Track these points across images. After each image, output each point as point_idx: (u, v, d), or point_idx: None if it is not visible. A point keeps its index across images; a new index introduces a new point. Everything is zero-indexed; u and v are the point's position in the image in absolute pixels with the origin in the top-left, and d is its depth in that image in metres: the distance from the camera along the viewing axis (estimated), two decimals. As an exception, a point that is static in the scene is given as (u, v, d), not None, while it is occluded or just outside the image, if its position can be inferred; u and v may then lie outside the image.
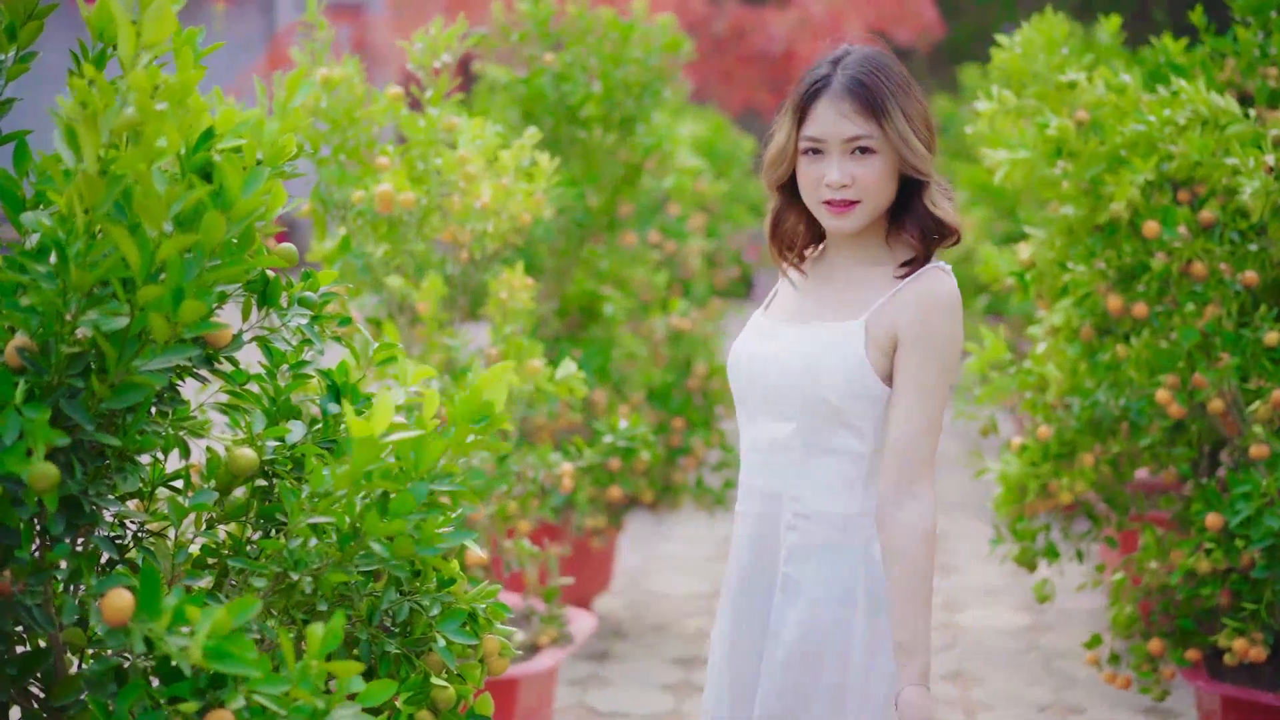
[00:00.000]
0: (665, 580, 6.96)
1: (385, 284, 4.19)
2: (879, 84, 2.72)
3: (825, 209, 2.76)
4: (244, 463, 2.31)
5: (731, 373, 2.90)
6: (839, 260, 2.86)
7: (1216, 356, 4.19)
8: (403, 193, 3.95)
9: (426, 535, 2.29)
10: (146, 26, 1.98)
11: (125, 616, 1.96)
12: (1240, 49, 4.76)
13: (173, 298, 2.03)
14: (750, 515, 2.88)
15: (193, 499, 2.37)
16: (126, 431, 2.18)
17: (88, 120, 1.93)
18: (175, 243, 1.99)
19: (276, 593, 2.38)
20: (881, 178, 2.73)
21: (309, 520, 2.27)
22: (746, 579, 2.89)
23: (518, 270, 4.33)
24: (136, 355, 2.09)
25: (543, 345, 4.43)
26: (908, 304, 2.73)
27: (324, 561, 2.31)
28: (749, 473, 2.89)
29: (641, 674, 5.66)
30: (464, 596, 2.56)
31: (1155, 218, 4.19)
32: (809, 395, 2.75)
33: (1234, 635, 4.12)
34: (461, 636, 2.51)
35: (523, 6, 5.73)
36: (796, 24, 16.71)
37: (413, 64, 4.23)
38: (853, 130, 2.71)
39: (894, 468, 2.70)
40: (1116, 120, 4.30)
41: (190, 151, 2.11)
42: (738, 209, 9.83)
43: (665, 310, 6.60)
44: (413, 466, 2.26)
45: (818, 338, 2.77)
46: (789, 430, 2.79)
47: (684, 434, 6.30)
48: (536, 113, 5.73)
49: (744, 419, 2.89)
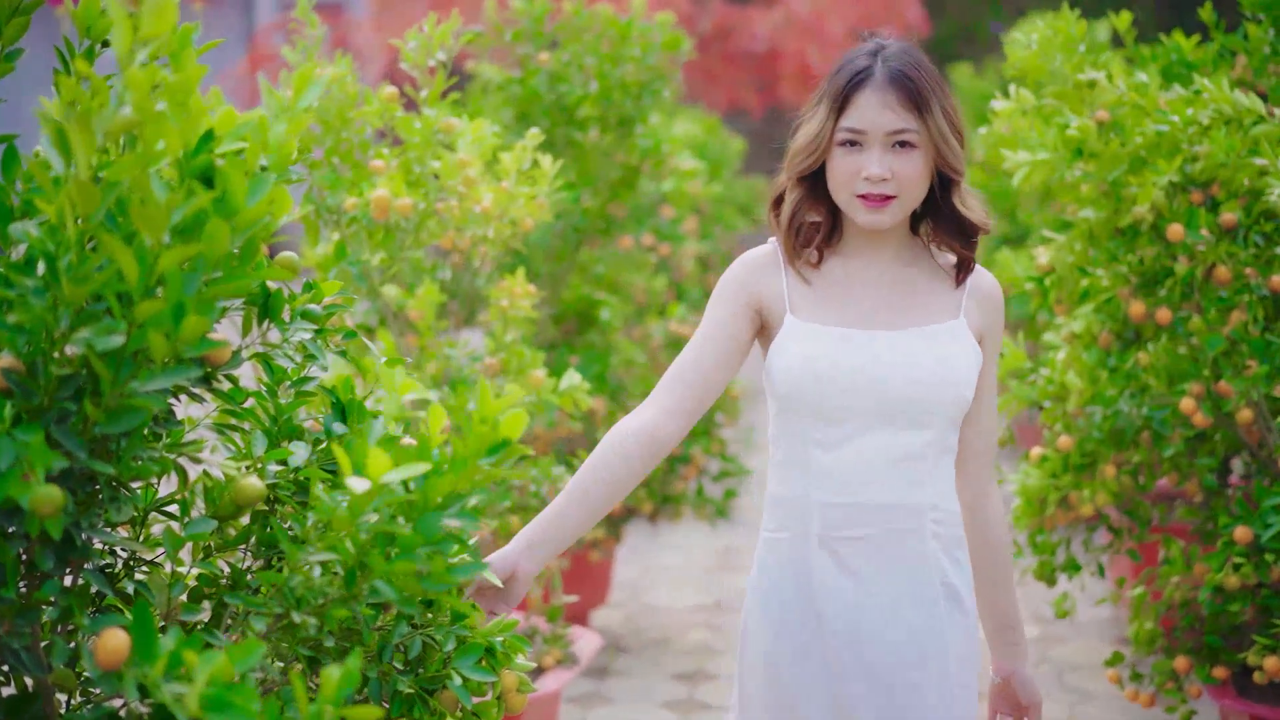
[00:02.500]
0: (665, 593, 6.80)
1: (381, 293, 4.02)
2: (922, 78, 2.64)
3: (860, 203, 2.66)
4: (250, 493, 2.14)
5: (816, 387, 2.67)
6: (876, 259, 2.76)
7: (1243, 364, 4.05)
8: (400, 198, 3.79)
9: (436, 571, 2.13)
10: (145, 20, 1.81)
11: (119, 659, 1.80)
12: (1251, 46, 4.64)
13: (173, 314, 1.86)
14: (858, 539, 2.68)
15: (189, 528, 2.20)
16: (121, 458, 2.02)
17: (79, 122, 1.77)
18: (176, 254, 1.82)
19: (278, 630, 2.22)
20: (920, 174, 2.65)
21: (312, 558, 2.10)
22: (866, 612, 2.68)
23: (519, 277, 4.17)
24: (133, 376, 1.92)
25: (543, 354, 4.27)
26: (984, 303, 2.78)
27: (327, 598, 2.15)
28: (853, 491, 2.68)
29: (643, 691, 5.50)
30: (480, 630, 2.40)
31: (1179, 220, 4.05)
32: (949, 399, 2.67)
33: (1264, 653, 3.97)
34: (479, 673, 2.35)
35: (517, 4, 5.57)
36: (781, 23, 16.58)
37: (406, 63, 4.07)
38: (897, 123, 2.62)
39: (988, 460, 2.84)
40: (1137, 120, 4.16)
41: (190, 155, 1.94)
42: (728, 211, 9.69)
43: (663, 315, 6.44)
44: (420, 499, 2.10)
45: (937, 340, 2.69)
46: (925, 438, 2.68)
47: (684, 443, 6.14)
48: (531, 113, 5.58)
49: (840, 434, 2.67)
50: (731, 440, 6.53)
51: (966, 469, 2.83)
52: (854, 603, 2.68)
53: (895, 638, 2.67)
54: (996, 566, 2.87)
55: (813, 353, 2.67)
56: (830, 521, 2.68)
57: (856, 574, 2.68)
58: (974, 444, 2.82)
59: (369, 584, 2.10)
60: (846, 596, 2.68)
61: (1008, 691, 2.91)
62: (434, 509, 2.09)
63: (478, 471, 2.11)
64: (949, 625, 2.70)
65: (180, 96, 1.82)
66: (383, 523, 2.05)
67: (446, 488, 2.09)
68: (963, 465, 2.82)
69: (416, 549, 2.06)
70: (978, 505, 2.84)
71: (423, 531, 2.06)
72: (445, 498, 2.11)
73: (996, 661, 2.92)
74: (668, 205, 6.97)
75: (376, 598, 2.13)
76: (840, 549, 2.68)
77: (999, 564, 2.87)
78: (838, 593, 2.68)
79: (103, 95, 1.81)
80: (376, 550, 2.07)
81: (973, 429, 2.81)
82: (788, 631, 2.72)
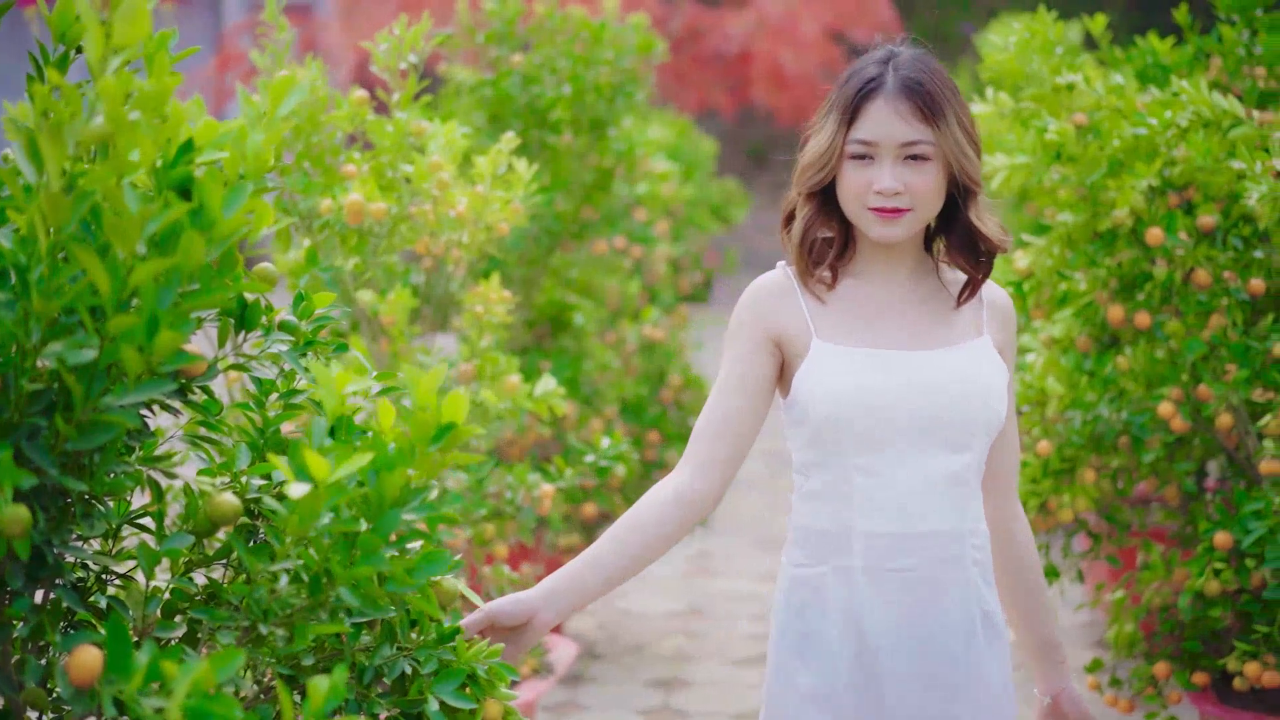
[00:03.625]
0: (639, 599, 6.76)
1: (356, 299, 3.97)
2: (936, 87, 2.54)
3: (873, 216, 2.55)
4: (226, 510, 2.09)
5: (857, 411, 2.54)
6: (893, 277, 2.65)
7: (1223, 368, 4.03)
8: (374, 203, 3.74)
9: (397, 574, 2.08)
10: (117, 27, 1.77)
11: (92, 676, 1.75)
12: (1225, 48, 4.63)
13: (147, 328, 1.82)
14: (905, 570, 2.57)
15: (166, 544, 2.15)
16: (94, 474, 1.97)
17: (51, 132, 1.72)
18: (150, 267, 1.78)
19: (247, 643, 2.17)
20: (935, 186, 2.55)
21: (274, 567, 2.05)
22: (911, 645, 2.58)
23: (494, 282, 4.13)
24: (106, 391, 1.88)
25: (518, 360, 4.23)
26: (1001, 318, 2.71)
27: (294, 609, 2.10)
28: (901, 520, 2.56)
29: (619, 699, 5.46)
30: (464, 655, 2.34)
31: (1158, 224, 4.03)
32: (988, 418, 2.59)
33: (1245, 658, 3.95)
34: (459, 700, 2.28)
35: (489, 5, 5.53)
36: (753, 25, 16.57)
37: (377, 66, 4.02)
38: (910, 134, 2.52)
39: (1015, 478, 2.78)
40: (1115, 124, 4.13)
41: (168, 166, 1.89)
42: (701, 213, 9.66)
43: (637, 320, 6.40)
44: (376, 496, 2.04)
45: (969, 359, 2.61)
46: (965, 461, 2.59)
47: (659, 448, 6.10)
48: (504, 116, 5.54)
49: (884, 460, 2.56)
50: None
51: (995, 489, 2.75)
52: (902, 636, 2.57)
53: (937, 671, 2.58)
54: (1033, 587, 2.80)
55: (850, 376, 2.56)
56: (876, 552, 2.57)
57: (901, 605, 2.57)
58: (1002, 462, 2.76)
59: (334, 592, 2.06)
60: (895, 630, 2.57)
61: (1058, 711, 2.87)
62: (391, 505, 2.04)
63: (429, 460, 2.06)
64: (988, 655, 2.62)
65: (155, 106, 1.77)
66: (339, 523, 2.00)
67: (400, 481, 2.04)
68: (991, 485, 2.74)
69: (378, 549, 2.01)
70: (1009, 525, 2.78)
71: (382, 530, 2.01)
72: (402, 492, 2.06)
73: (1043, 682, 2.87)
74: (640, 208, 6.93)
75: (341, 605, 2.08)
76: (886, 581, 2.57)
77: (1035, 584, 2.81)
78: (887, 627, 2.57)
79: (75, 104, 1.76)
80: (338, 555, 2.02)
81: (1000, 447, 2.74)
82: (836, 671, 2.60)
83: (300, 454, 1.89)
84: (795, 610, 2.63)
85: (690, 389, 6.38)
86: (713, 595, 6.83)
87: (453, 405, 2.00)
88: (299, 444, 1.95)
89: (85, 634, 1.93)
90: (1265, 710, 4.00)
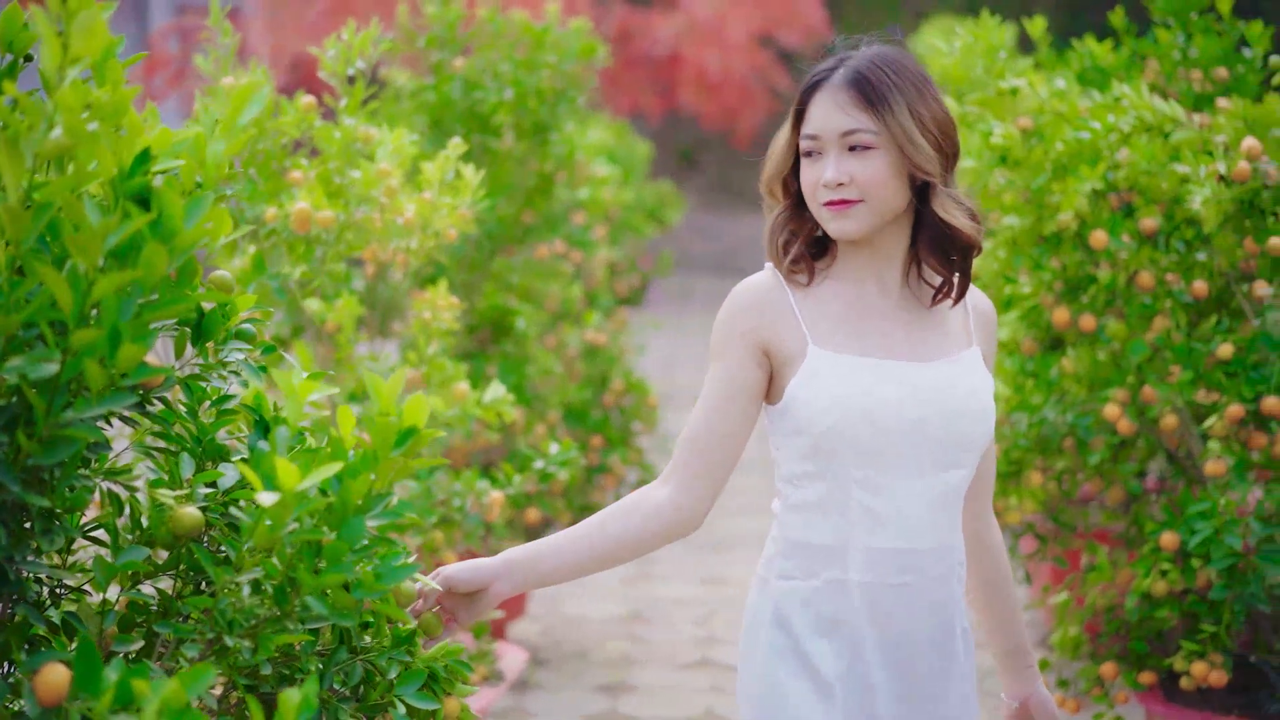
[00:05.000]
0: (582, 604, 6.74)
1: (304, 307, 3.94)
2: (883, 77, 2.44)
3: (826, 212, 2.47)
4: (188, 522, 2.07)
5: (861, 423, 2.45)
6: (883, 282, 2.55)
7: (1166, 370, 4.06)
8: (321, 210, 3.71)
9: (366, 580, 2.06)
10: (74, 37, 1.73)
11: (60, 695, 1.72)
12: (1161, 51, 4.67)
13: (109, 341, 1.79)
14: (900, 586, 2.50)
15: (122, 557, 2.11)
16: (55, 489, 1.94)
17: (8, 144, 1.68)
18: (111, 280, 1.75)
19: (211, 655, 2.14)
20: (883, 175, 2.44)
21: (238, 578, 2.03)
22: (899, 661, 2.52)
23: (441, 288, 4.10)
24: (67, 405, 1.84)
25: (465, 366, 4.21)
26: (985, 326, 2.66)
27: (259, 619, 2.07)
28: (902, 536, 2.49)
29: (565, 704, 5.44)
30: (422, 655, 2.33)
31: (1102, 227, 4.05)
32: (983, 433, 2.53)
33: (1191, 658, 3.98)
34: (422, 700, 2.28)
35: (430, 9, 5.50)
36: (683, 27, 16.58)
37: (325, 71, 3.98)
38: (848, 123, 2.43)
39: (991, 487, 2.76)
40: (1058, 128, 4.16)
41: (124, 176, 1.86)
42: (637, 216, 9.66)
43: (578, 324, 6.39)
44: (340, 503, 2.02)
45: (965, 371, 2.54)
46: (959, 477, 2.53)
47: (602, 452, 6.09)
48: (445, 120, 5.51)
49: (885, 474, 2.48)
50: (649, 449, 6.49)
51: (974, 497, 2.72)
52: (893, 650, 2.52)
53: (924, 684, 2.54)
54: (1004, 593, 2.79)
55: (852, 385, 2.46)
56: (875, 568, 2.49)
57: (894, 620, 2.51)
58: (982, 475, 2.72)
59: (300, 601, 2.03)
60: (888, 644, 2.51)
61: (1025, 714, 2.84)
62: (355, 512, 2.03)
63: (392, 465, 2.05)
64: (965, 670, 2.59)
65: (115, 116, 1.74)
66: (304, 531, 1.98)
67: (364, 488, 2.02)
68: (971, 493, 2.71)
69: (343, 557, 1.99)
70: (984, 533, 2.76)
71: (347, 537, 1.99)
72: (365, 499, 2.04)
73: (1012, 687, 2.84)
74: (579, 212, 6.92)
75: (308, 614, 2.06)
76: (882, 596, 2.50)
77: (1006, 590, 2.80)
78: (880, 641, 2.51)
79: (34, 116, 1.73)
80: (304, 564, 2.00)
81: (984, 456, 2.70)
82: (829, 685, 2.52)
83: (270, 461, 1.87)
84: (781, 624, 2.55)
85: (632, 393, 6.37)
86: (655, 600, 6.82)
87: (414, 409, 1.98)
88: (268, 453, 1.93)
89: (49, 652, 1.89)
90: (1212, 709, 4.03)
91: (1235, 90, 4.59)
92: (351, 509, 1.98)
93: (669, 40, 16.68)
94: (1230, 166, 3.83)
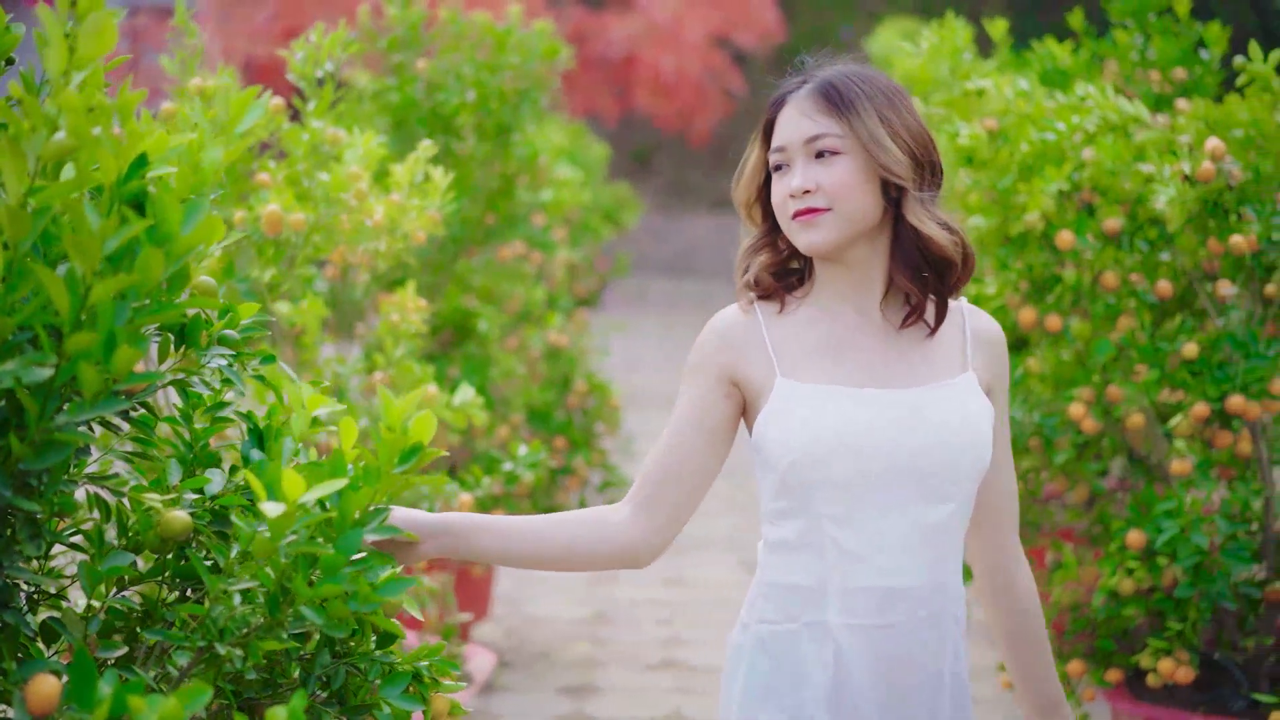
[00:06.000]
0: (545, 605, 6.74)
1: (274, 310, 3.92)
2: (850, 85, 2.38)
3: (795, 225, 2.37)
4: (177, 525, 2.06)
5: (830, 455, 2.34)
6: (864, 306, 2.44)
7: (1132, 370, 4.09)
8: (292, 213, 3.69)
9: (363, 591, 2.06)
10: (82, 40, 1.72)
11: (51, 706, 1.72)
12: (1120, 52, 4.72)
13: (104, 345, 1.78)
14: (884, 628, 2.37)
15: (108, 562, 2.10)
16: (44, 493, 1.93)
17: (9, 146, 1.67)
18: (109, 284, 1.74)
19: (201, 663, 2.13)
20: (850, 181, 2.34)
21: (233, 587, 2.02)
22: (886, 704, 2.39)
23: (409, 290, 4.09)
24: (59, 409, 1.84)
25: (432, 369, 4.20)
26: (989, 350, 2.50)
27: (251, 628, 2.07)
28: (880, 575, 2.36)
29: (531, 706, 5.43)
30: (405, 656, 2.33)
31: (1068, 228, 4.08)
32: (973, 463, 2.38)
33: (1158, 656, 4.02)
34: (407, 702, 2.28)
35: (392, 11, 5.49)
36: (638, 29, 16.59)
37: (294, 73, 3.97)
38: (812, 129, 2.36)
39: (1012, 524, 2.56)
40: (1023, 129, 4.19)
41: (121, 180, 1.85)
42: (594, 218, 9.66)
43: (540, 325, 6.39)
44: (338, 516, 2.03)
45: (953, 399, 2.39)
46: (948, 511, 2.37)
47: (565, 454, 6.09)
48: (408, 122, 5.50)
49: (859, 509, 2.36)
50: (612, 450, 6.49)
51: (987, 536, 2.54)
52: (879, 695, 2.38)
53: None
54: (1035, 641, 2.55)
55: (821, 416, 2.35)
56: (855, 609, 2.37)
57: (880, 663, 2.38)
58: (996, 507, 2.54)
59: (294, 610, 2.03)
60: (874, 688, 2.38)
61: None
62: (353, 525, 2.03)
63: (393, 481, 2.05)
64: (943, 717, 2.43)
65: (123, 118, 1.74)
66: (300, 544, 1.98)
67: (363, 502, 2.03)
68: (982, 532, 2.54)
69: (340, 569, 1.99)
70: (1005, 576, 2.55)
71: (344, 550, 1.99)
72: (363, 513, 2.04)
73: None
74: (538, 213, 6.92)
75: (301, 624, 2.06)
76: (867, 638, 2.38)
77: (1037, 637, 2.56)
78: (865, 685, 2.38)
79: (38, 118, 1.72)
80: (299, 575, 2.00)
81: (992, 491, 2.52)
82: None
83: (276, 472, 1.87)
84: (764, 673, 2.44)
85: (595, 395, 6.37)
86: (617, 601, 6.83)
87: (421, 426, 1.99)
88: (273, 463, 1.93)
89: (39, 661, 1.88)
90: (1178, 706, 4.07)
91: (1194, 91, 4.64)
92: (350, 523, 1.98)
93: (624, 42, 16.69)
94: (1195, 166, 3.86)
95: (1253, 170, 3.89)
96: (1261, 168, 3.90)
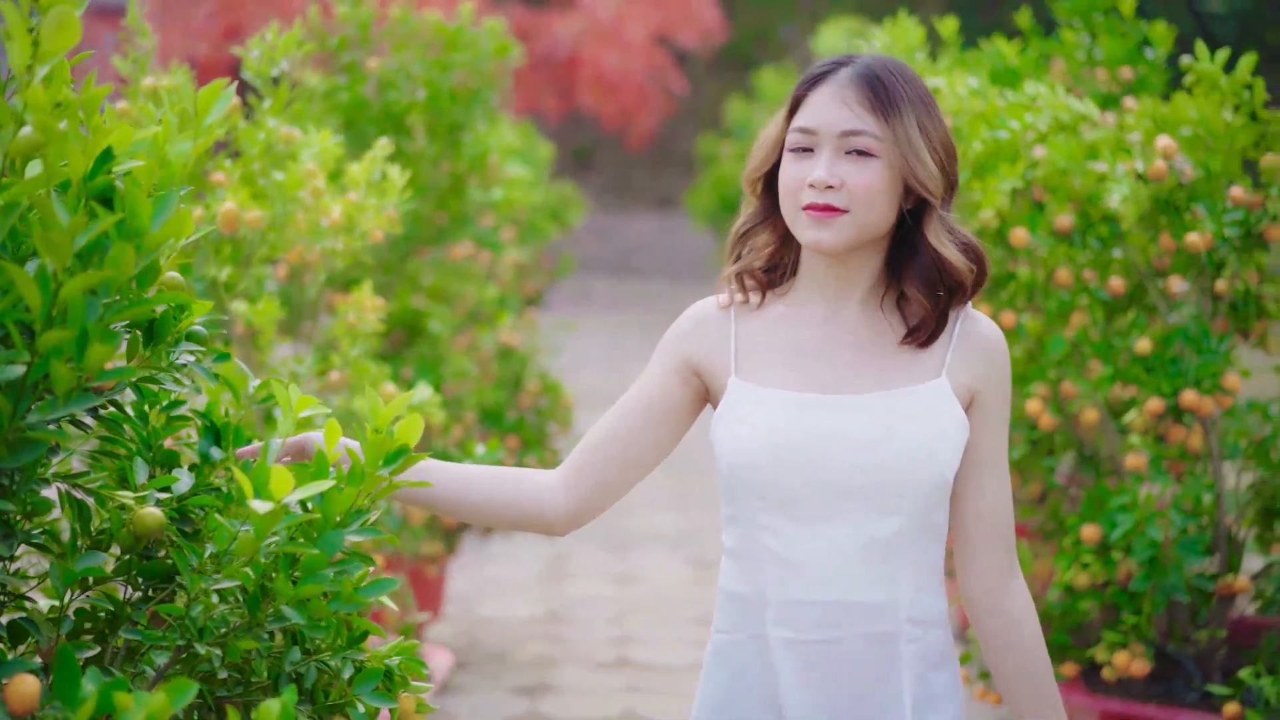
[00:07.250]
0: (497, 604, 6.74)
1: (231, 309, 3.90)
2: (896, 83, 2.24)
3: (805, 217, 2.24)
4: (151, 523, 2.05)
5: (761, 464, 2.27)
6: (842, 307, 2.35)
7: (1085, 366, 4.13)
8: (249, 211, 3.67)
9: (345, 592, 2.06)
10: (46, 34, 1.71)
11: (32, 705, 1.71)
12: (1067, 51, 4.75)
13: (77, 342, 1.77)
14: (829, 643, 2.28)
15: (81, 562, 2.09)
16: (16, 493, 1.91)
17: (-22, 141, 1.66)
18: (80, 281, 1.73)
19: (179, 663, 2.12)
20: (878, 187, 2.22)
21: (212, 586, 2.01)
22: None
23: (366, 290, 4.08)
24: (31, 408, 1.82)
25: (389, 369, 4.19)
26: (977, 354, 2.34)
27: (229, 627, 2.06)
28: (816, 588, 2.27)
29: (486, 708, 5.43)
30: (376, 653, 2.32)
31: (1022, 225, 4.11)
32: (920, 478, 2.26)
33: (1113, 649, 4.05)
34: (378, 699, 2.27)
35: (342, 9, 5.47)
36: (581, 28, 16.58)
37: (249, 72, 3.95)
38: (853, 122, 2.22)
39: (1002, 548, 2.37)
40: (975, 127, 4.21)
41: (88, 175, 1.84)
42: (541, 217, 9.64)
43: (491, 325, 6.37)
44: (321, 517, 2.03)
45: (908, 405, 2.27)
46: (894, 526, 2.26)
47: (518, 454, 6.08)
48: (359, 121, 5.47)
49: (794, 520, 2.27)
50: (565, 450, 6.46)
51: (973, 561, 2.37)
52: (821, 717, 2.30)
53: None
54: (1035, 677, 2.37)
55: (756, 422, 2.28)
56: (792, 622, 2.29)
57: (823, 682, 2.29)
58: (979, 530, 2.36)
59: (274, 609, 2.03)
60: (814, 710, 2.29)
61: None
62: (335, 526, 2.02)
63: (377, 483, 2.05)
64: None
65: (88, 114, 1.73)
66: (282, 544, 1.98)
67: (346, 503, 2.03)
68: (968, 557, 2.38)
69: (322, 569, 1.99)
70: (995, 603, 2.36)
71: (326, 550, 1.99)
72: (345, 514, 2.04)
73: None
74: (487, 213, 6.90)
75: (282, 624, 2.05)
76: (807, 654, 2.29)
77: (1036, 671, 2.37)
78: (806, 707, 2.30)
79: (2, 114, 1.71)
80: (280, 574, 1.99)
81: (972, 512, 2.35)
82: None
83: (263, 471, 1.86)
84: (719, 685, 2.38)
85: (547, 395, 6.36)
86: (570, 599, 6.83)
87: (408, 429, 1.99)
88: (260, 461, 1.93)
89: (19, 661, 1.87)
90: (1133, 698, 4.10)
91: (1140, 90, 4.68)
92: (332, 524, 1.98)
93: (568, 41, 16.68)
94: (1148, 164, 3.90)
95: (1203, 168, 3.93)
96: (1211, 165, 3.93)
